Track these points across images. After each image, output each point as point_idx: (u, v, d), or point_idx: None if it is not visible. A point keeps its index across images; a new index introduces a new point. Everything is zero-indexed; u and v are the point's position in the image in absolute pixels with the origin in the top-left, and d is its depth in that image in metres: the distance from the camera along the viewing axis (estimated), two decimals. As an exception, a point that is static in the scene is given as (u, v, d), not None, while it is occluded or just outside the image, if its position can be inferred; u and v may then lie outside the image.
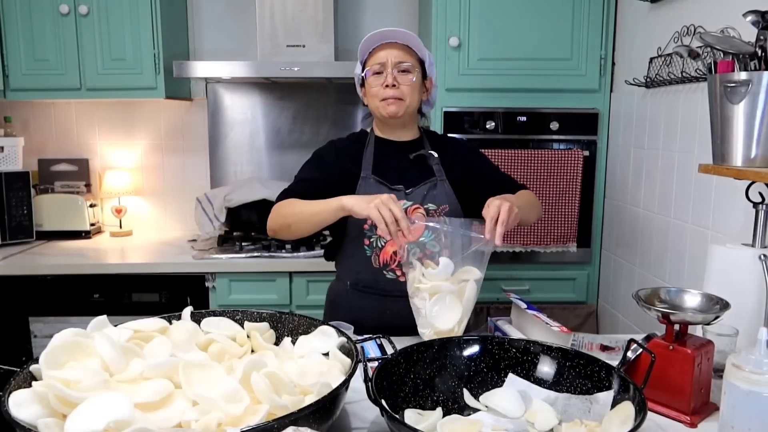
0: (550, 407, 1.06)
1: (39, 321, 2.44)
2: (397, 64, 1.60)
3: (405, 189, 1.63)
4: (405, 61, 1.60)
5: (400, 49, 1.61)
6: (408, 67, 1.60)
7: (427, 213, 1.61)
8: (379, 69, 1.60)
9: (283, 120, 2.98)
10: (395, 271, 1.61)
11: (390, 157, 1.67)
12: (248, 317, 1.24)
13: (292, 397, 0.90)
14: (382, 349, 1.30)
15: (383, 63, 1.60)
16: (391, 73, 1.59)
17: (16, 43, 2.59)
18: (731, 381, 0.93)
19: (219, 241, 2.64)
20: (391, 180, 1.64)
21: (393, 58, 1.60)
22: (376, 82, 1.61)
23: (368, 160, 1.66)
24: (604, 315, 2.58)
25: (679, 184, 1.98)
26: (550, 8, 2.40)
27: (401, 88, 1.60)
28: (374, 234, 1.60)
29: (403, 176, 1.64)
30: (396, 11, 2.93)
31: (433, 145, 1.71)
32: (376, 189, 1.61)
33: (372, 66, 1.62)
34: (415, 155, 1.67)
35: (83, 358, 0.94)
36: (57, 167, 2.96)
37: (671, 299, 1.19)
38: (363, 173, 1.64)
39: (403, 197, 1.61)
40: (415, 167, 1.66)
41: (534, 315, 1.40)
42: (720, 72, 1.30)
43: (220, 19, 2.94)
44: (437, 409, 1.04)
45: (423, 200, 1.62)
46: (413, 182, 1.64)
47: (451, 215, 1.60)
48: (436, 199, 1.62)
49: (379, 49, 1.61)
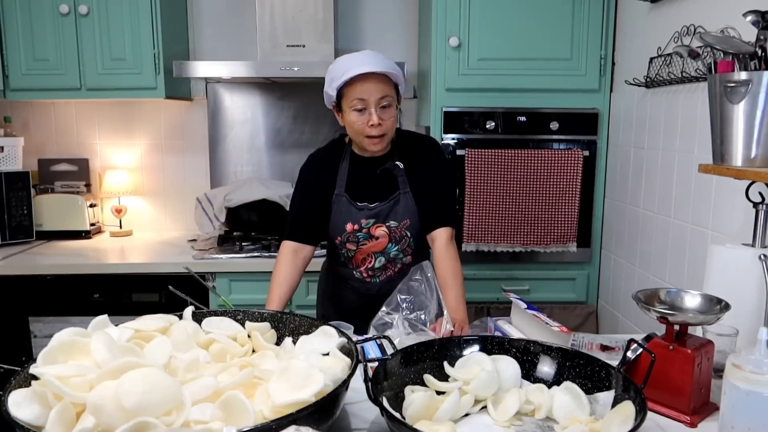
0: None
1: (39, 321, 2.44)
2: (379, 101, 1.60)
3: (369, 204, 1.73)
4: (386, 95, 1.61)
5: (378, 81, 1.59)
6: (389, 101, 1.62)
7: (389, 230, 1.74)
8: (362, 106, 1.61)
9: (283, 120, 2.98)
10: (363, 273, 1.81)
11: (362, 172, 1.76)
12: (249, 317, 1.24)
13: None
14: (382, 349, 1.30)
15: (366, 101, 1.60)
16: (375, 111, 1.60)
17: (16, 43, 2.59)
18: (731, 381, 0.93)
19: (219, 241, 2.64)
20: (360, 197, 1.74)
21: (375, 96, 1.59)
22: (359, 119, 1.62)
23: (342, 177, 1.76)
24: (604, 315, 2.58)
25: (679, 184, 1.98)
26: (550, 8, 2.40)
27: (384, 125, 1.62)
28: (344, 248, 1.77)
29: (372, 192, 1.74)
30: (396, 11, 2.93)
31: (402, 151, 1.76)
32: (346, 208, 1.74)
33: (353, 102, 1.61)
34: (381, 169, 1.73)
35: (82, 358, 0.94)
36: (57, 167, 2.96)
37: (671, 300, 1.19)
38: (337, 190, 1.76)
39: (367, 215, 1.73)
40: (383, 181, 1.74)
41: (534, 315, 1.39)
42: (720, 72, 1.30)
43: (220, 19, 2.94)
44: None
45: (386, 217, 1.74)
46: (380, 197, 1.74)
47: (413, 227, 1.74)
48: (398, 214, 1.74)
49: (359, 81, 1.59)
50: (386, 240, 1.75)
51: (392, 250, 1.77)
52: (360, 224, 1.74)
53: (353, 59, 1.62)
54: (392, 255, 1.78)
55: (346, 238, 1.76)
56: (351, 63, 1.60)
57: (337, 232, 1.77)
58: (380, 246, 1.76)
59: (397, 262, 1.80)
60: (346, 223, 1.75)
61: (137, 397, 0.81)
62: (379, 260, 1.79)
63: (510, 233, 2.47)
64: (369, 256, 1.78)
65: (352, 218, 1.74)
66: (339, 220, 1.75)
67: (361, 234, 1.75)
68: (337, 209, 1.76)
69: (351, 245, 1.77)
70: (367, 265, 1.80)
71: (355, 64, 1.59)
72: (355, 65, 1.59)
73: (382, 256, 1.78)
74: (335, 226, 1.77)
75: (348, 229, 1.75)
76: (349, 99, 1.62)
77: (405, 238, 1.76)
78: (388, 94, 1.62)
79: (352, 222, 1.74)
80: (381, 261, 1.79)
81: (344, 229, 1.75)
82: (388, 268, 1.81)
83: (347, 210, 1.75)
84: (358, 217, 1.74)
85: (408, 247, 1.78)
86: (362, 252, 1.77)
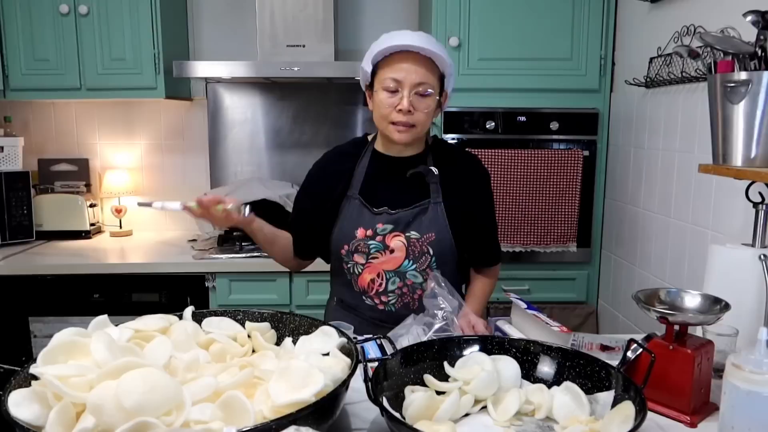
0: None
1: (39, 321, 2.44)
2: (415, 86, 1.41)
3: (390, 210, 1.50)
4: (425, 82, 1.41)
5: (421, 64, 1.41)
6: (427, 90, 1.42)
7: (408, 241, 1.49)
8: (395, 87, 1.41)
9: (283, 120, 2.98)
10: (374, 299, 1.54)
11: (384, 174, 1.54)
12: (249, 317, 1.24)
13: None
14: (382, 349, 1.30)
15: (400, 82, 1.40)
16: (408, 96, 1.40)
17: (16, 43, 2.59)
18: (731, 381, 0.93)
19: (219, 241, 2.64)
20: (378, 201, 1.51)
21: (412, 79, 1.40)
22: (388, 101, 1.42)
23: (359, 178, 1.54)
24: (604, 315, 2.58)
25: (679, 184, 1.98)
26: (550, 8, 2.40)
27: (416, 115, 1.42)
28: (351, 260, 1.53)
29: (394, 196, 1.51)
30: (396, 11, 2.93)
31: (439, 160, 1.54)
32: (359, 211, 1.51)
33: (386, 81, 1.42)
34: (411, 173, 1.50)
35: (82, 358, 0.94)
36: (57, 167, 2.96)
37: (671, 300, 1.19)
38: (350, 192, 1.53)
39: (386, 221, 1.49)
40: (410, 186, 1.51)
41: (534, 315, 1.39)
42: (720, 72, 1.30)
43: (220, 19, 2.94)
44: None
45: (407, 227, 1.49)
46: (403, 203, 1.50)
47: (438, 244, 1.49)
48: (422, 225, 1.49)
49: (398, 59, 1.41)
50: (403, 255, 1.48)
51: (409, 269, 1.48)
52: (375, 230, 1.48)
53: (400, 34, 1.43)
54: (408, 276, 1.49)
55: (354, 246, 1.50)
56: (395, 37, 1.42)
57: (344, 239, 1.51)
58: (395, 262, 1.48)
59: (415, 288, 1.50)
60: (358, 228, 1.50)
61: (137, 397, 0.81)
62: (392, 281, 1.49)
63: (510, 233, 2.47)
64: (379, 276, 1.50)
65: (365, 223, 1.49)
66: (349, 226, 1.51)
67: (373, 243, 1.48)
68: (347, 213, 1.52)
69: (359, 257, 1.50)
70: (377, 288, 1.51)
71: (400, 37, 1.41)
72: (399, 38, 1.40)
73: (396, 276, 1.49)
74: (343, 233, 1.51)
75: (359, 236, 1.49)
76: (382, 77, 1.43)
77: (426, 255, 1.49)
78: (428, 81, 1.41)
79: (364, 227, 1.49)
80: (395, 283, 1.49)
81: (354, 236, 1.50)
82: (405, 295, 1.51)
83: (359, 214, 1.50)
84: (374, 222, 1.49)
85: (429, 269, 1.49)
86: (372, 269, 1.50)
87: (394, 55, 1.42)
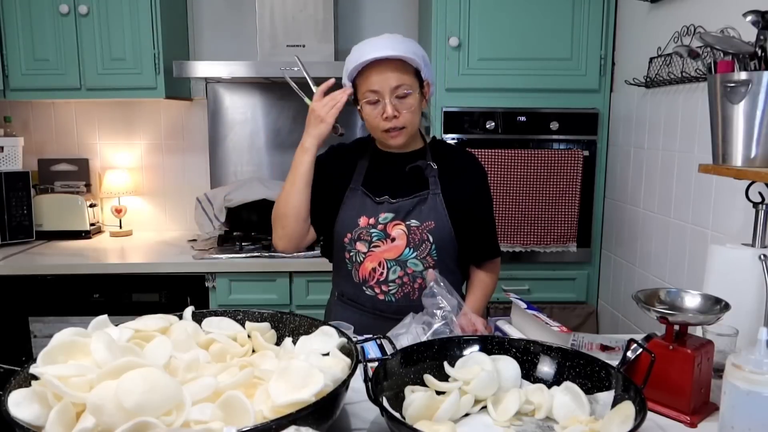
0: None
1: (39, 321, 2.44)
2: (394, 91, 1.45)
3: (391, 199, 1.54)
4: (401, 84, 1.45)
5: (393, 68, 1.44)
6: (406, 91, 1.45)
7: (408, 229, 1.52)
8: (375, 98, 1.46)
9: (283, 120, 2.98)
10: (374, 288, 1.55)
11: (386, 168, 1.59)
12: (249, 317, 1.24)
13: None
14: (382, 349, 1.30)
15: (378, 92, 1.45)
16: (389, 102, 1.45)
17: (16, 43, 2.59)
18: (731, 381, 0.93)
19: (219, 241, 2.64)
20: (379, 191, 1.55)
21: (389, 84, 1.44)
22: (374, 112, 1.48)
23: (361, 171, 1.59)
24: (604, 315, 2.58)
25: (679, 184, 1.98)
26: (550, 8, 2.40)
27: (402, 117, 1.47)
28: (353, 248, 1.55)
29: (394, 186, 1.55)
30: (396, 11, 2.93)
31: (437, 157, 1.59)
32: (361, 201, 1.55)
33: (366, 95, 1.47)
34: (410, 166, 1.55)
35: (82, 358, 0.94)
36: (57, 167, 2.96)
37: (671, 300, 1.19)
38: (352, 184, 1.58)
39: (387, 209, 1.53)
40: (410, 178, 1.56)
41: (534, 315, 1.39)
42: (720, 72, 1.30)
43: (220, 18, 2.94)
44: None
45: (407, 215, 1.53)
46: (403, 193, 1.54)
47: (438, 232, 1.52)
48: (422, 214, 1.53)
49: (371, 71, 1.45)
50: (403, 243, 1.51)
51: (410, 257, 1.52)
52: (377, 218, 1.53)
53: (365, 45, 1.47)
54: (409, 264, 1.52)
55: (357, 235, 1.53)
56: (362, 50, 1.46)
57: (347, 228, 1.55)
58: (395, 251, 1.52)
59: (415, 276, 1.53)
60: (361, 217, 1.54)
61: (137, 397, 0.81)
62: (393, 270, 1.52)
63: (510, 233, 2.47)
64: (380, 265, 1.53)
65: (368, 212, 1.54)
66: (351, 215, 1.55)
67: (375, 231, 1.52)
68: (350, 204, 1.56)
69: (362, 245, 1.54)
70: (377, 277, 1.54)
71: (366, 50, 1.45)
72: (365, 52, 1.44)
73: (396, 265, 1.52)
74: (346, 222, 1.55)
75: (362, 224, 1.53)
76: (362, 91, 1.48)
77: (426, 243, 1.52)
78: (404, 82, 1.44)
79: (367, 216, 1.53)
80: (396, 272, 1.52)
81: (357, 224, 1.54)
82: (405, 284, 1.54)
83: (362, 203, 1.55)
84: (377, 211, 1.53)
85: (429, 257, 1.53)
86: (373, 257, 1.53)
87: (366, 67, 1.47)
